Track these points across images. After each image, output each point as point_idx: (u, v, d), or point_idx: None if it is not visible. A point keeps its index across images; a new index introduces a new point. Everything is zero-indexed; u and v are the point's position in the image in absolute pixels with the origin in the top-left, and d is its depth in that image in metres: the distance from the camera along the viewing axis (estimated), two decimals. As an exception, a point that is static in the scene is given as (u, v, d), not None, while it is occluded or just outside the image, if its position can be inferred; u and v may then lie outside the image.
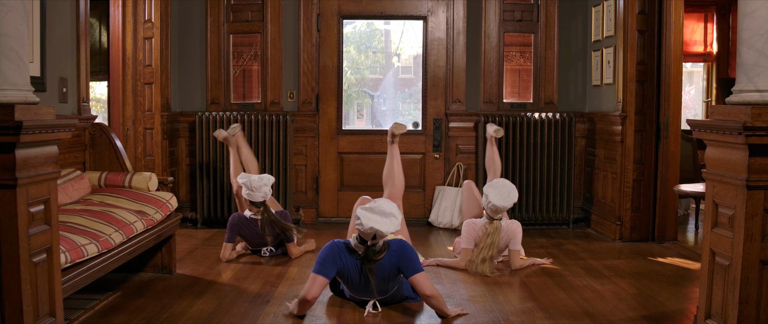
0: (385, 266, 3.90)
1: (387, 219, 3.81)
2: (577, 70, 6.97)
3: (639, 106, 5.95)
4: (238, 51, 6.94)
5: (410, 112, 8.80)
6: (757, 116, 2.78)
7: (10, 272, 2.77)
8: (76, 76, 4.89)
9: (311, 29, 6.86)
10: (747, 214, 2.87)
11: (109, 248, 3.78)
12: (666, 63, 5.85)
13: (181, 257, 5.34)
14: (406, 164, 6.98)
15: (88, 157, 5.02)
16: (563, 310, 4.05)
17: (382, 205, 3.84)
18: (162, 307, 4.09)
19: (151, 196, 4.69)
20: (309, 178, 6.95)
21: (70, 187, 4.38)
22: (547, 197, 6.66)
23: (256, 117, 6.59)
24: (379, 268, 3.90)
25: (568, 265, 5.20)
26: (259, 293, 4.40)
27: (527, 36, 6.93)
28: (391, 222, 3.81)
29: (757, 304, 2.91)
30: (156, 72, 6.39)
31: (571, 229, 6.70)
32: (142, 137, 6.46)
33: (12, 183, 2.74)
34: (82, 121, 4.90)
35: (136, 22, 6.37)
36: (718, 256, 3.07)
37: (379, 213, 3.81)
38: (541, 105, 6.93)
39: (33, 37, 4.20)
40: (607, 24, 6.29)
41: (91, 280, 3.56)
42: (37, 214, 2.90)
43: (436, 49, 6.94)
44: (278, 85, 6.88)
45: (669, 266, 5.20)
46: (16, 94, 2.79)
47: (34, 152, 2.86)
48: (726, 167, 3.00)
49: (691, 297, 4.37)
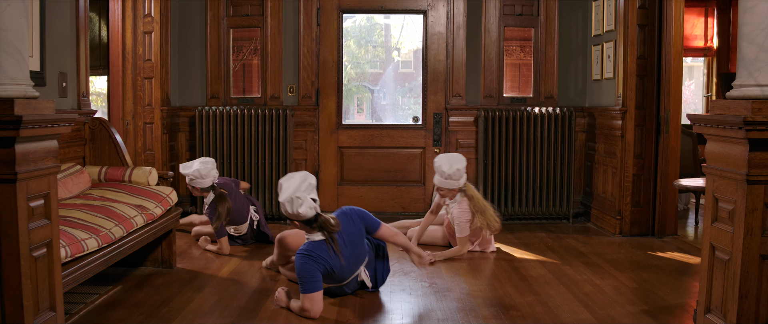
0: (353, 233, 4.06)
1: (292, 202, 3.87)
2: (577, 64, 6.96)
3: (639, 101, 5.95)
4: (238, 45, 6.93)
5: (410, 107, 8.80)
6: (758, 111, 2.78)
7: (10, 267, 2.77)
8: (75, 70, 4.88)
9: (311, 23, 6.85)
10: (747, 209, 2.87)
11: (109, 242, 3.78)
12: (666, 58, 5.84)
13: (181, 252, 5.34)
14: (407, 159, 6.99)
15: (87, 151, 5.02)
16: (563, 305, 4.06)
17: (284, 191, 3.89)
18: (162, 301, 4.09)
19: (151, 190, 4.69)
20: (309, 172, 6.95)
21: (70, 181, 4.38)
22: (547, 192, 6.66)
23: (256, 111, 6.59)
24: (349, 236, 4.03)
25: (568, 260, 5.20)
26: (258, 287, 4.41)
27: (527, 30, 6.93)
28: (293, 202, 3.85)
29: (757, 299, 2.92)
30: (156, 66, 6.38)
31: (570, 224, 6.71)
32: (142, 132, 6.46)
33: (12, 177, 2.74)
34: (82, 115, 4.90)
35: (136, 16, 6.36)
36: (718, 251, 3.07)
37: (288, 201, 3.87)
38: (541, 99, 6.93)
39: (32, 32, 4.20)
40: (608, 18, 6.28)
41: (91, 274, 3.56)
42: (37, 208, 2.90)
43: (436, 43, 6.93)
44: (278, 79, 6.87)
45: (669, 261, 5.21)
46: (15, 88, 2.79)
47: (33, 147, 2.86)
48: (726, 162, 3.00)
49: (690, 291, 4.37)
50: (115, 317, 3.80)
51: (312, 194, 3.90)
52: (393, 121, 9.20)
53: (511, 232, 6.26)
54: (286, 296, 4.01)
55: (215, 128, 6.59)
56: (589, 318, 3.82)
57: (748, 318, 2.91)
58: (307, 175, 3.94)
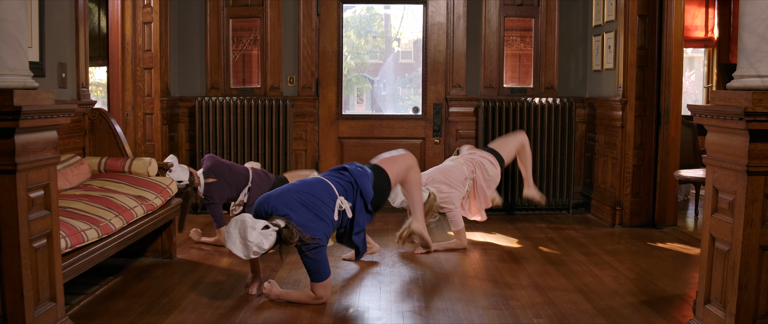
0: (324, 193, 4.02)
1: (249, 249, 3.68)
2: (577, 55, 6.95)
3: (639, 92, 5.94)
4: (237, 36, 6.92)
5: (410, 97, 8.79)
6: (758, 102, 2.77)
7: (10, 257, 2.78)
8: (75, 61, 4.87)
9: (311, 14, 6.83)
10: (747, 200, 2.87)
11: (109, 233, 3.79)
12: (667, 48, 5.83)
13: (181, 242, 5.35)
14: (407, 149, 6.97)
15: (87, 142, 5.02)
16: (563, 295, 4.07)
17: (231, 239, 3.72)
18: (162, 291, 4.10)
19: (151, 181, 4.69)
20: (309, 163, 6.95)
21: (69, 172, 4.38)
22: (547, 182, 6.66)
23: (256, 102, 6.58)
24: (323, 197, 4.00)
25: (568, 250, 5.21)
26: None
27: (528, 21, 6.91)
28: (250, 248, 3.66)
29: (757, 290, 2.92)
30: (155, 57, 6.37)
31: (570, 214, 6.71)
32: (141, 122, 6.45)
33: (12, 168, 2.74)
34: (82, 106, 4.89)
35: (136, 6, 6.34)
36: (718, 242, 3.07)
37: (245, 253, 3.69)
38: (541, 90, 6.92)
39: (31, 22, 4.18)
40: (608, 9, 6.26)
41: (91, 265, 3.57)
42: (37, 199, 2.90)
43: (437, 33, 6.91)
44: (278, 69, 6.86)
45: (669, 251, 5.21)
46: (14, 79, 2.78)
47: (33, 137, 2.86)
48: (726, 152, 3.00)
49: (690, 282, 4.38)
50: (115, 308, 3.81)
51: (256, 229, 3.66)
52: (393, 112, 9.19)
53: (511, 223, 6.27)
54: (277, 287, 3.97)
55: (215, 119, 6.59)
56: (589, 308, 3.83)
57: (747, 309, 2.92)
58: (236, 223, 3.69)
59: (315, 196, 3.96)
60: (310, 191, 3.98)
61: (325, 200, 3.99)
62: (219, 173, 5.26)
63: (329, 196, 4.03)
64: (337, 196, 4.06)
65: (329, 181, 4.11)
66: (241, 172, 5.35)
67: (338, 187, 4.10)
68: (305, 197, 3.93)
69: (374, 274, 4.55)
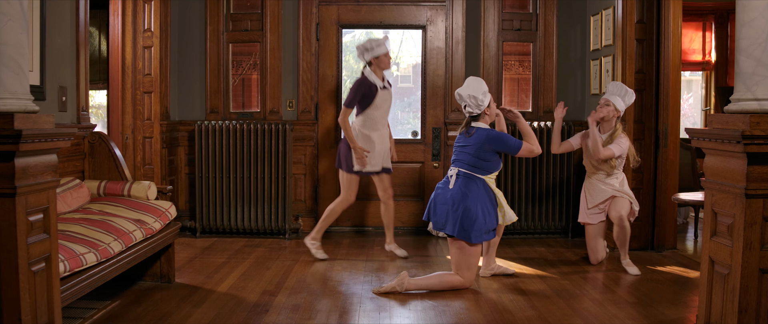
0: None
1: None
2: (576, 78, 6.98)
3: (638, 115, 5.96)
4: (237, 60, 6.95)
5: (409, 121, 8.81)
6: (756, 125, 2.79)
7: (8, 281, 2.76)
8: (75, 84, 4.89)
9: (310, 38, 6.88)
10: (746, 223, 2.87)
11: (108, 257, 3.78)
12: (664, 72, 5.86)
13: (180, 266, 5.33)
14: (405, 173, 6.99)
15: (87, 165, 5.02)
16: (563, 319, 4.05)
17: None
18: (161, 316, 4.08)
19: (150, 204, 4.69)
20: (308, 187, 6.95)
21: (69, 195, 4.38)
22: (546, 206, 6.66)
23: (255, 126, 6.59)
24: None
25: (567, 274, 5.19)
26: (257, 302, 4.40)
27: (526, 45, 6.95)
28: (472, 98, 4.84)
29: (757, 313, 2.91)
30: (155, 81, 6.40)
31: (570, 238, 6.70)
32: (141, 146, 6.46)
33: (11, 192, 2.74)
34: (82, 129, 4.91)
35: (136, 31, 6.38)
36: (718, 265, 3.07)
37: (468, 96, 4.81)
38: (539, 114, 6.94)
39: (33, 46, 4.21)
40: (606, 33, 6.30)
41: (89, 289, 3.55)
42: (36, 222, 2.89)
43: (435, 58, 6.95)
44: (277, 94, 6.89)
45: (668, 275, 5.20)
46: (15, 102, 2.79)
47: (33, 161, 2.86)
48: (725, 176, 3.00)
49: (690, 305, 4.37)
50: (113, 332, 3.79)
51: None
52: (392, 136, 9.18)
53: (510, 247, 6.25)
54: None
55: (214, 143, 6.60)
56: (589, 332, 3.81)
57: (748, 332, 2.91)
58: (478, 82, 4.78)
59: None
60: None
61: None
62: None
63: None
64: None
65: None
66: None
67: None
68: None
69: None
